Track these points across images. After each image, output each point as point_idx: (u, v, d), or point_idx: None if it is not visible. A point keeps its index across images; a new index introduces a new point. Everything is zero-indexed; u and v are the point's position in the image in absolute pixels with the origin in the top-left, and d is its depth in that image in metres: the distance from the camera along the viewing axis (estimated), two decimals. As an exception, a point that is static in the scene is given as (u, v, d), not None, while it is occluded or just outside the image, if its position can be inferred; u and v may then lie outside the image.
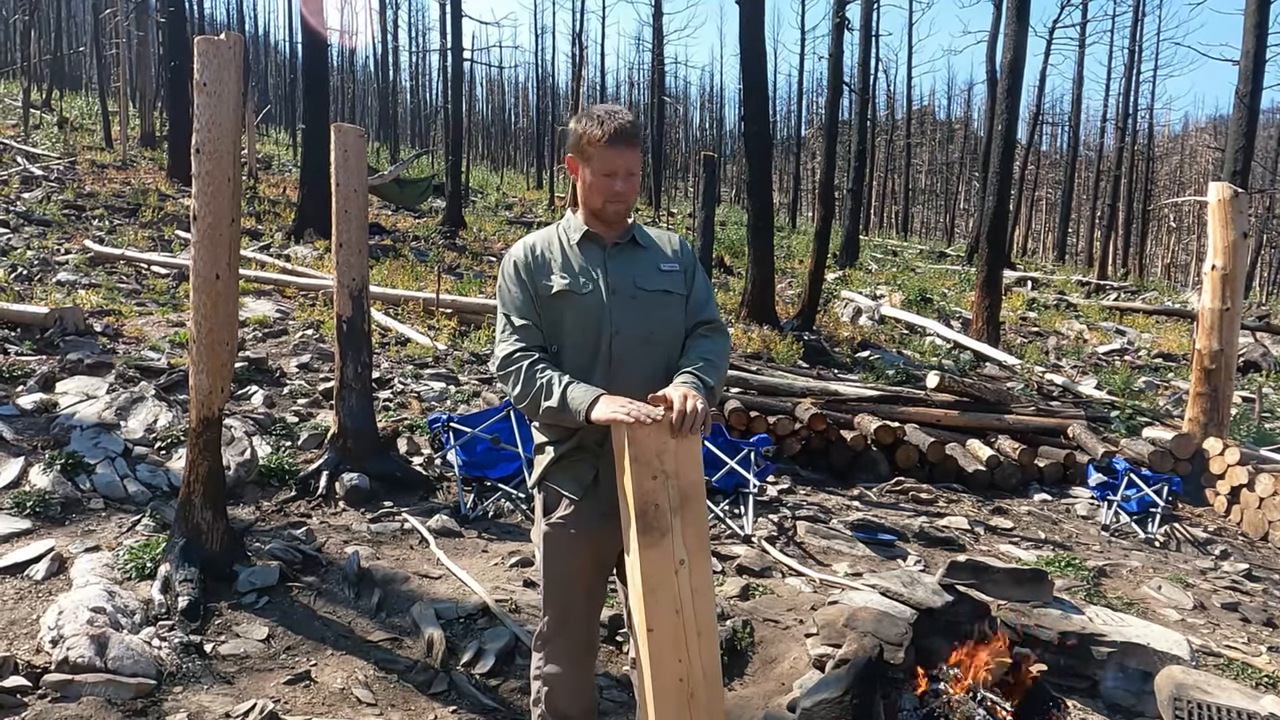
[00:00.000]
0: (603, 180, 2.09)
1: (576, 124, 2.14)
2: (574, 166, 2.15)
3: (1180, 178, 54.19)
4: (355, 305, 5.05)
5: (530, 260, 2.16)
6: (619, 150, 2.07)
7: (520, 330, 2.13)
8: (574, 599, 2.29)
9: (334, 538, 4.36)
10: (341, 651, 3.30)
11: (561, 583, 2.28)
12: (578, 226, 2.19)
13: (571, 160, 2.16)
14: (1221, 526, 6.17)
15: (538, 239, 2.22)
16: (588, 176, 2.11)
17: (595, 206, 2.13)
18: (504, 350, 2.13)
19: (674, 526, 1.95)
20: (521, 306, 2.15)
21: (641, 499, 1.92)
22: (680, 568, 1.97)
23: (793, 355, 10.14)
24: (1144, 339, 15.38)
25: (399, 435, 5.77)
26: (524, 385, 2.05)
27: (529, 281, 2.15)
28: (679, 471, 1.95)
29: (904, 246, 30.12)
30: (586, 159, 2.10)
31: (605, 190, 2.09)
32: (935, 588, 3.47)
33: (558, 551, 2.25)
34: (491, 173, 41.76)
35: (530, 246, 2.19)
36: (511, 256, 2.18)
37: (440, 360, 8.09)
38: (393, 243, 15.09)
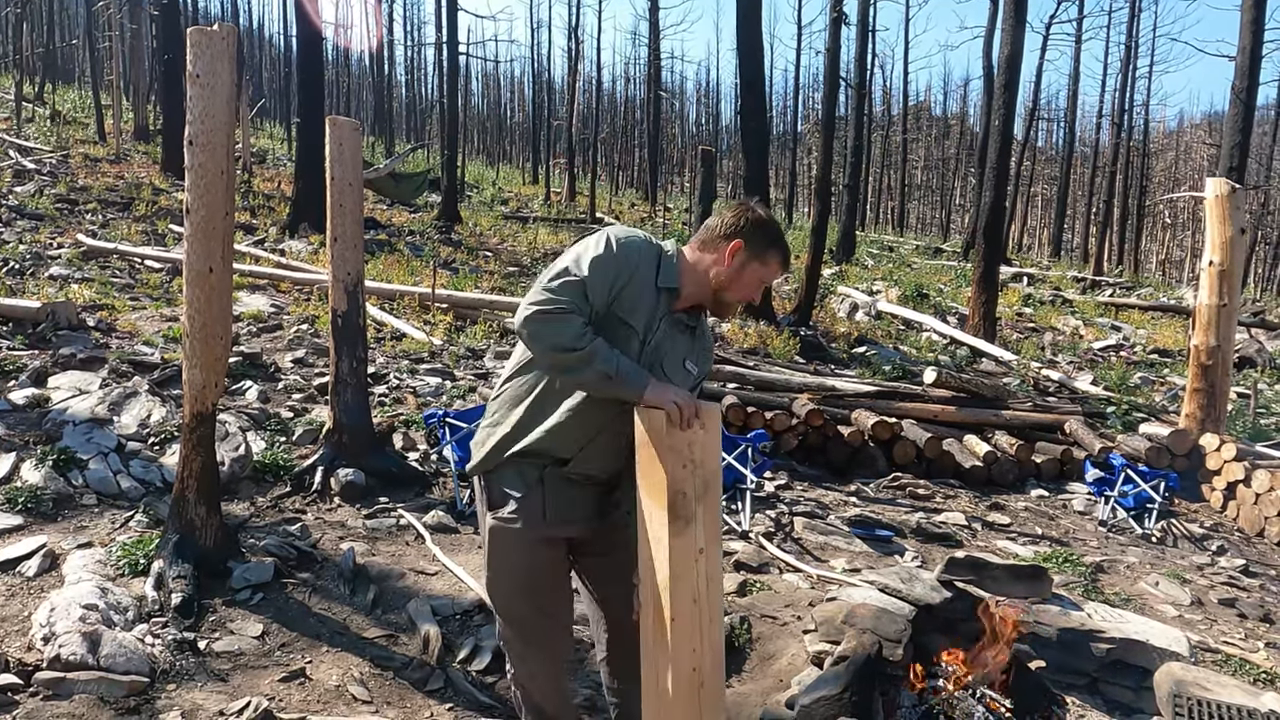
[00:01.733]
0: (757, 287, 2.16)
1: (767, 220, 2.14)
2: (736, 253, 2.09)
3: (1175, 174, 54.26)
4: (350, 300, 5.02)
5: (640, 265, 2.06)
6: (782, 271, 2.19)
7: (581, 298, 1.97)
8: (529, 588, 2.20)
9: (329, 534, 4.33)
10: (337, 648, 3.27)
11: (512, 580, 2.19)
12: (673, 276, 2.11)
13: (742, 248, 2.09)
14: (1218, 522, 6.17)
15: (650, 250, 2.10)
16: (745, 272, 2.10)
17: (729, 298, 2.13)
18: (558, 303, 1.94)
19: (697, 514, 1.97)
20: (602, 285, 2.00)
21: (673, 487, 1.93)
22: (700, 556, 1.99)
23: (789, 351, 10.12)
24: (1140, 335, 15.40)
25: (394, 430, 5.74)
26: (575, 338, 1.91)
27: (624, 281, 2.03)
28: (704, 460, 1.98)
29: (900, 242, 30.12)
30: (761, 261, 2.11)
31: (751, 295, 2.17)
32: (934, 584, 3.46)
33: (507, 541, 2.16)
34: (487, 167, 41.66)
35: (648, 252, 2.08)
36: (630, 242, 2.06)
37: (436, 355, 8.05)
38: (388, 237, 15.03)
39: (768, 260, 2.12)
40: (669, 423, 1.92)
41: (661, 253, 2.12)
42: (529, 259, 15.36)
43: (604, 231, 2.08)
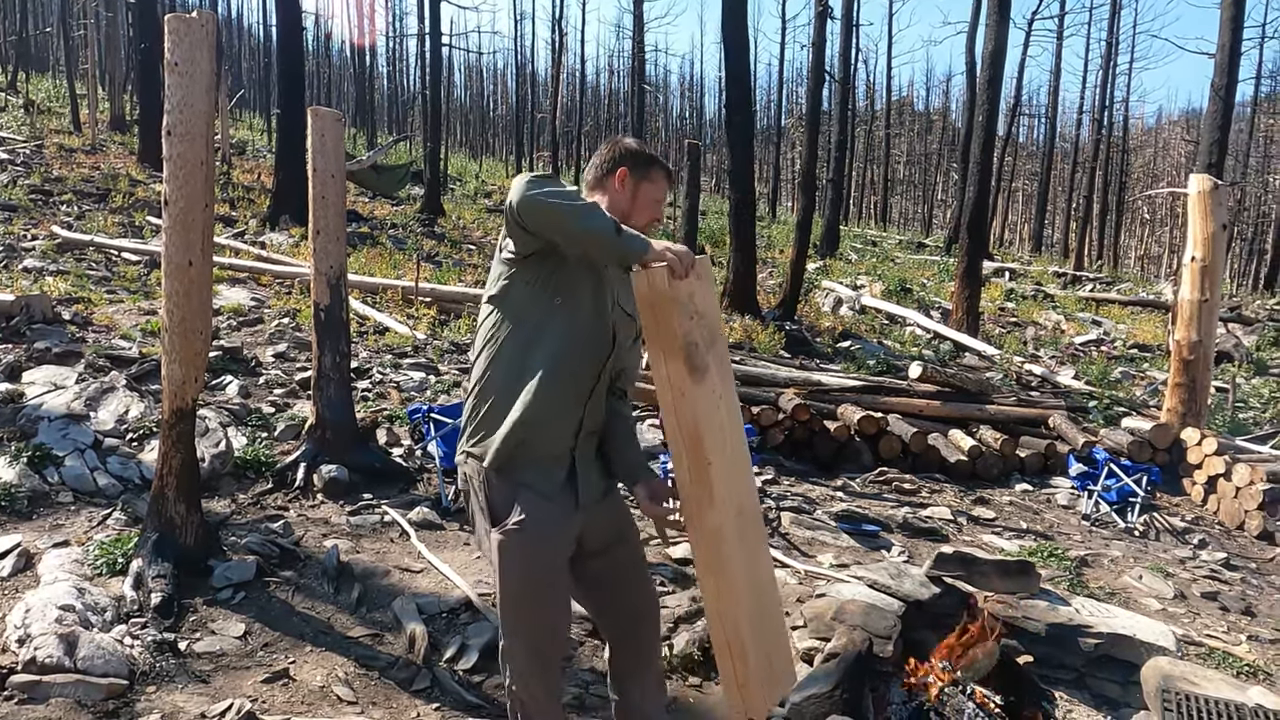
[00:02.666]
0: (655, 206, 2.23)
1: (640, 146, 2.25)
2: (624, 180, 2.19)
3: (1154, 170, 54.84)
4: (333, 293, 4.95)
5: None
6: (669, 186, 2.29)
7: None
8: (544, 597, 2.11)
9: (312, 531, 4.27)
10: (321, 648, 3.23)
11: (528, 583, 2.08)
12: None
13: (627, 174, 2.19)
14: (1199, 516, 6.23)
15: None
16: (639, 195, 2.19)
17: (636, 223, 2.14)
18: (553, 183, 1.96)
19: (709, 363, 2.02)
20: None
21: (686, 339, 1.97)
22: (720, 401, 2.06)
23: (775, 345, 10.13)
24: (1120, 330, 15.54)
25: (378, 426, 5.68)
26: (568, 199, 1.90)
27: None
28: (706, 310, 2.04)
29: (883, 237, 30.24)
30: (648, 179, 2.20)
31: (655, 214, 2.24)
32: (923, 580, 3.46)
33: (522, 550, 2.04)
34: (470, 160, 41.40)
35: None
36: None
37: (420, 350, 7.98)
38: (370, 230, 14.89)
39: (653, 176, 2.21)
40: (671, 275, 1.93)
41: None
42: (513, 252, 15.26)
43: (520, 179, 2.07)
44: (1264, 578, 5.18)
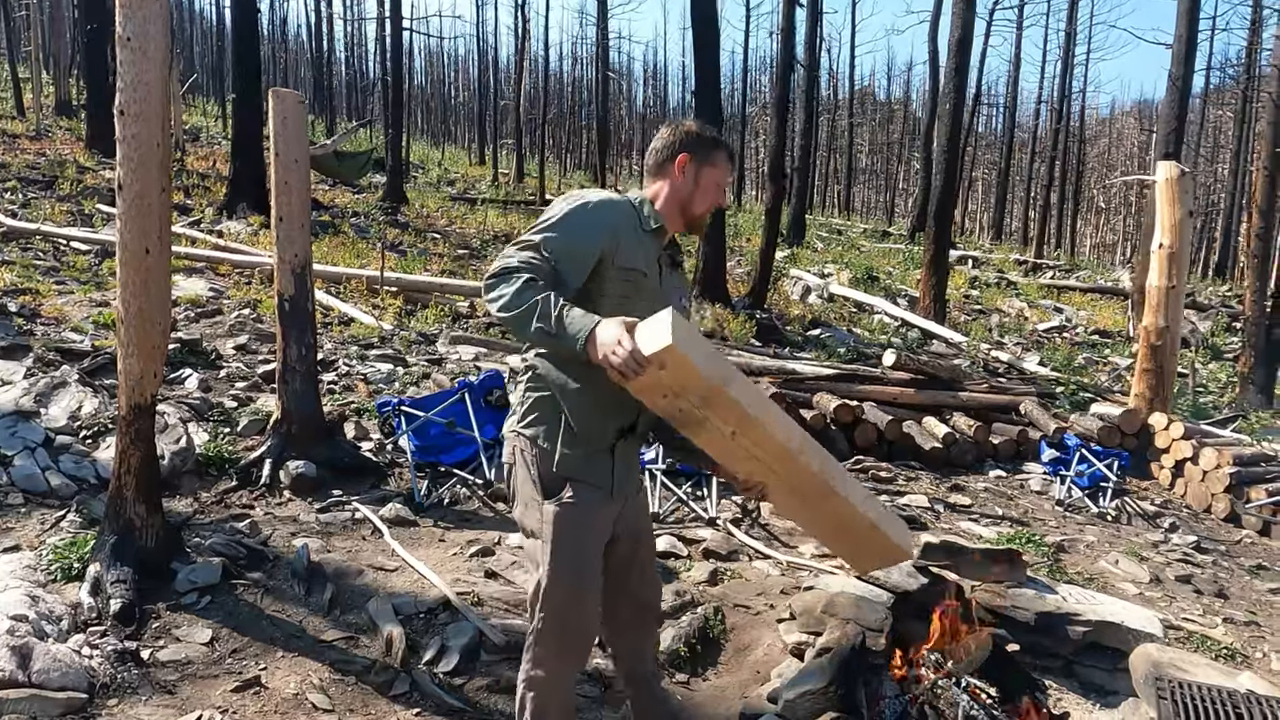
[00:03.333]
0: (718, 191, 2.17)
1: (701, 129, 2.18)
2: (685, 166, 2.13)
3: (1108, 159, 55.89)
4: (298, 283, 4.76)
5: (622, 221, 2.07)
6: (731, 169, 2.23)
7: (544, 261, 1.94)
8: (591, 575, 2.15)
9: (280, 530, 4.11)
10: (293, 653, 3.09)
11: (578, 559, 2.12)
12: (654, 216, 2.14)
13: (688, 160, 2.13)
14: (1167, 499, 6.32)
15: (624, 204, 2.12)
16: (704, 181, 2.14)
17: (697, 210, 2.16)
18: (508, 263, 1.93)
19: (708, 417, 1.95)
20: (573, 251, 1.98)
21: (667, 415, 1.95)
22: (733, 437, 2.01)
23: (746, 334, 10.09)
24: (1081, 316, 15.81)
25: (346, 420, 5.51)
26: (516, 296, 1.87)
27: (609, 239, 2.02)
28: (684, 387, 1.85)
29: (848, 226, 30.43)
30: (710, 163, 2.14)
31: (717, 199, 2.18)
32: (910, 570, 3.41)
33: (575, 525, 2.11)
34: (432, 148, 40.77)
35: (624, 207, 2.11)
36: (604, 203, 2.06)
37: (386, 341, 7.79)
38: (332, 218, 14.54)
39: (716, 160, 2.16)
40: (622, 378, 1.78)
41: (631, 202, 2.16)
42: (478, 241, 15.04)
43: (575, 193, 2.10)
44: (1234, 560, 5.27)
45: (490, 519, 4.56)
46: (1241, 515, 5.90)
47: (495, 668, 3.12)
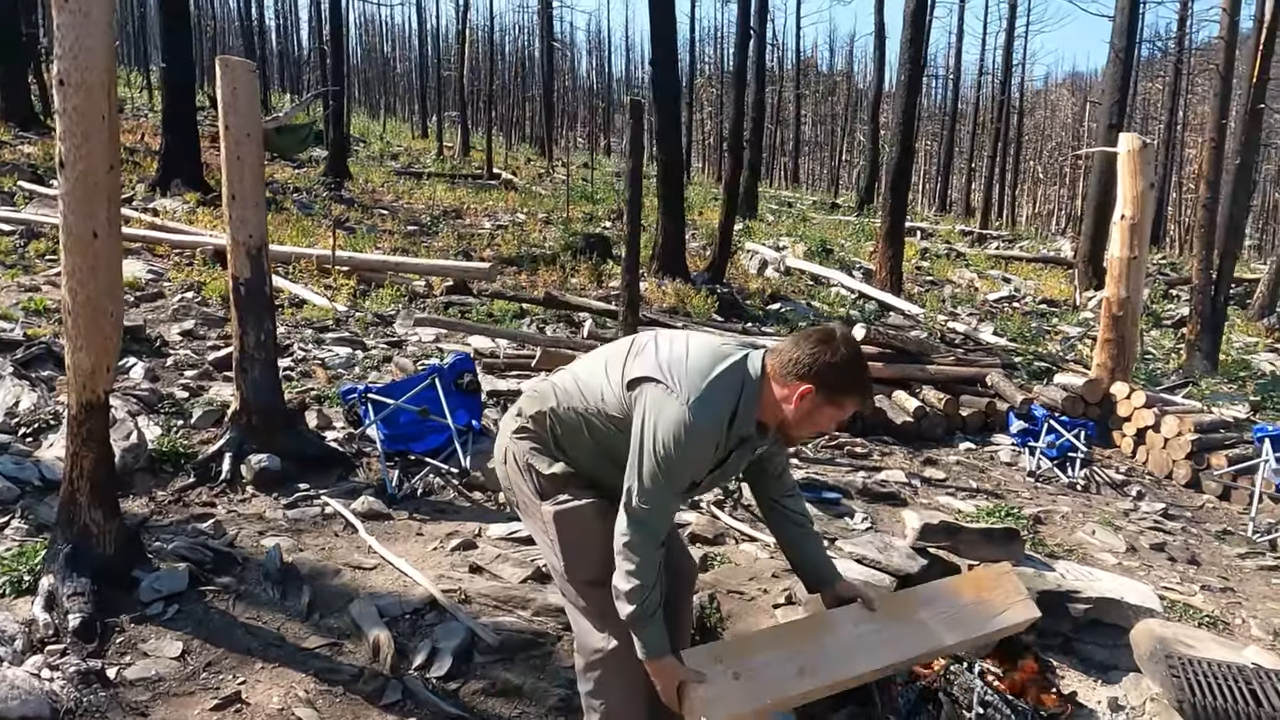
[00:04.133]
0: (827, 424, 2.06)
1: (844, 365, 1.97)
2: (805, 397, 1.96)
3: (1044, 131, 57.11)
4: (254, 265, 4.47)
5: (718, 436, 1.99)
6: (860, 409, 2.13)
7: (674, 507, 2.07)
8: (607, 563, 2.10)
9: (247, 529, 3.87)
10: (273, 664, 2.89)
11: (596, 553, 2.09)
12: (750, 423, 2.02)
13: (812, 393, 1.96)
14: (1131, 467, 6.45)
15: (724, 412, 1.97)
16: (816, 414, 2.00)
17: (797, 434, 2.09)
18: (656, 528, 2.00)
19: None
20: (691, 476, 2.03)
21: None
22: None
23: (708, 309, 10.01)
24: (1028, 285, 16.12)
25: (307, 408, 5.24)
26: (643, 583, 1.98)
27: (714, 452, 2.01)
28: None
29: (797, 198, 30.54)
30: (834, 404, 1.99)
31: (821, 430, 2.14)
32: (909, 552, 3.38)
33: (581, 524, 2.14)
34: (372, 121, 39.57)
35: (728, 411, 1.98)
36: (711, 422, 1.94)
37: (342, 323, 7.48)
38: (272, 195, 13.96)
39: (842, 404, 2.01)
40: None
41: (739, 395, 1.98)
42: (428, 217, 14.62)
43: (679, 416, 1.92)
44: (1200, 525, 5.39)
45: (468, 509, 4.38)
46: (1203, 481, 6.05)
47: (490, 669, 2.98)
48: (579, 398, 2.13)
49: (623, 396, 2.03)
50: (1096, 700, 2.99)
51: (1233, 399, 8.19)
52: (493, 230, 14.20)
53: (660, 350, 2.04)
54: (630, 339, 2.19)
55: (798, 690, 2.08)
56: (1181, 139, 33.61)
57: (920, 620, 2.29)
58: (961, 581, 2.49)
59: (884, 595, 2.45)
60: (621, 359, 2.09)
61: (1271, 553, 4.98)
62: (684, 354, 2.01)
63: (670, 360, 1.99)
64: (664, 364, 1.99)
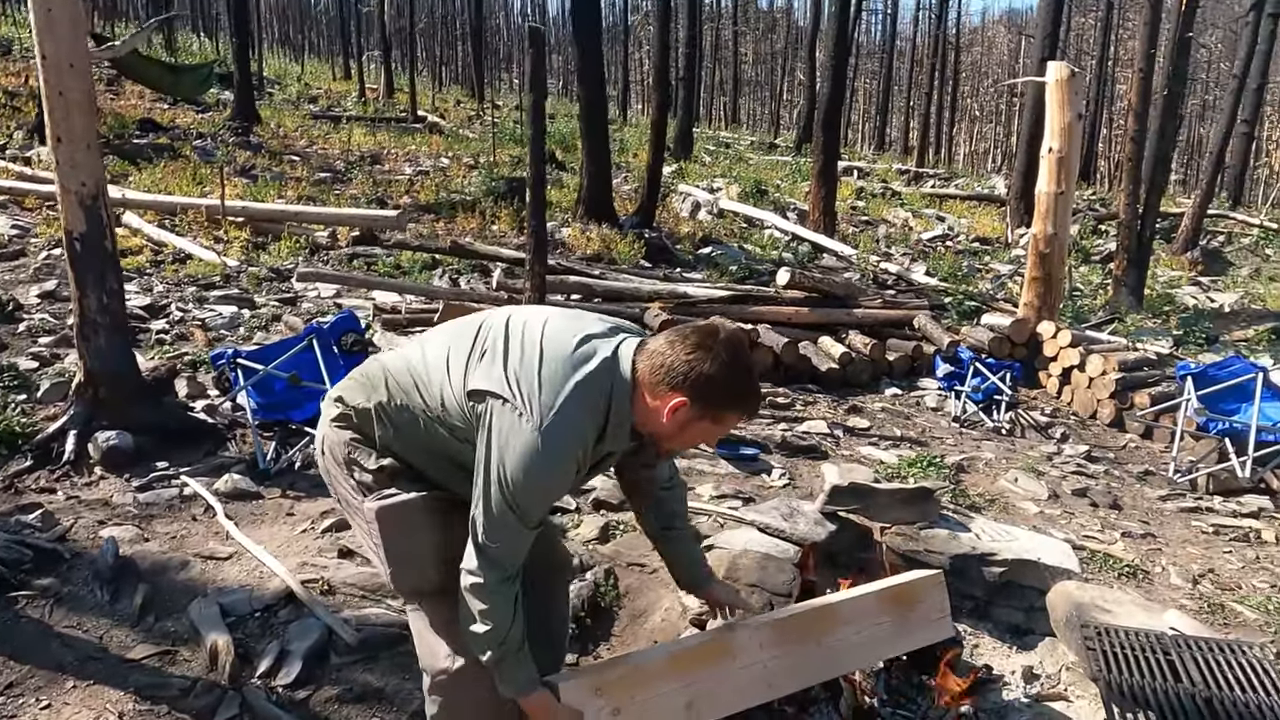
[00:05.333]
0: (706, 439, 1.82)
1: (725, 381, 1.64)
2: (677, 411, 1.65)
3: (980, 68, 57.22)
4: (90, 218, 3.93)
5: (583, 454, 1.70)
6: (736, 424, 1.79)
7: (528, 540, 1.74)
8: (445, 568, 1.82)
9: (86, 518, 3.43)
10: (88, 680, 2.51)
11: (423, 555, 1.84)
12: (624, 438, 1.74)
13: (686, 408, 1.64)
14: (1056, 408, 6.35)
15: (588, 430, 1.67)
16: (691, 429, 1.71)
17: (667, 448, 1.82)
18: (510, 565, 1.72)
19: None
20: (546, 508, 1.77)
21: None
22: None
23: (635, 255, 9.62)
24: (962, 224, 16.05)
25: (177, 375, 4.76)
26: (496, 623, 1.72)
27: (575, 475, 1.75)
28: None
29: (735, 139, 30.02)
30: (712, 418, 1.69)
31: (692, 445, 1.89)
32: (817, 517, 3.12)
33: (407, 518, 1.84)
34: (291, 61, 37.53)
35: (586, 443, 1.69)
36: (572, 443, 1.64)
37: (231, 279, 6.91)
38: (170, 141, 13.00)
39: (722, 419, 1.72)
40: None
41: (607, 406, 1.67)
42: (343, 163, 13.81)
43: (531, 446, 1.61)
44: (1122, 467, 5.29)
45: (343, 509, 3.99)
46: (1126, 420, 5.97)
47: (347, 672, 2.64)
48: (415, 395, 1.78)
49: (464, 405, 1.69)
50: (1011, 670, 2.80)
51: (1156, 334, 8.18)
52: (413, 176, 13.49)
53: (510, 353, 1.68)
54: (480, 320, 1.80)
55: None
56: (1113, 74, 33.89)
57: (833, 643, 2.10)
58: (885, 595, 2.26)
59: (798, 613, 2.17)
60: (466, 352, 1.73)
61: (1192, 493, 4.90)
62: (536, 360, 1.65)
63: (520, 371, 1.64)
64: (512, 376, 1.64)
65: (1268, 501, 4.75)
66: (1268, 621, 3.35)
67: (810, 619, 2.20)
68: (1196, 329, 8.31)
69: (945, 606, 2.41)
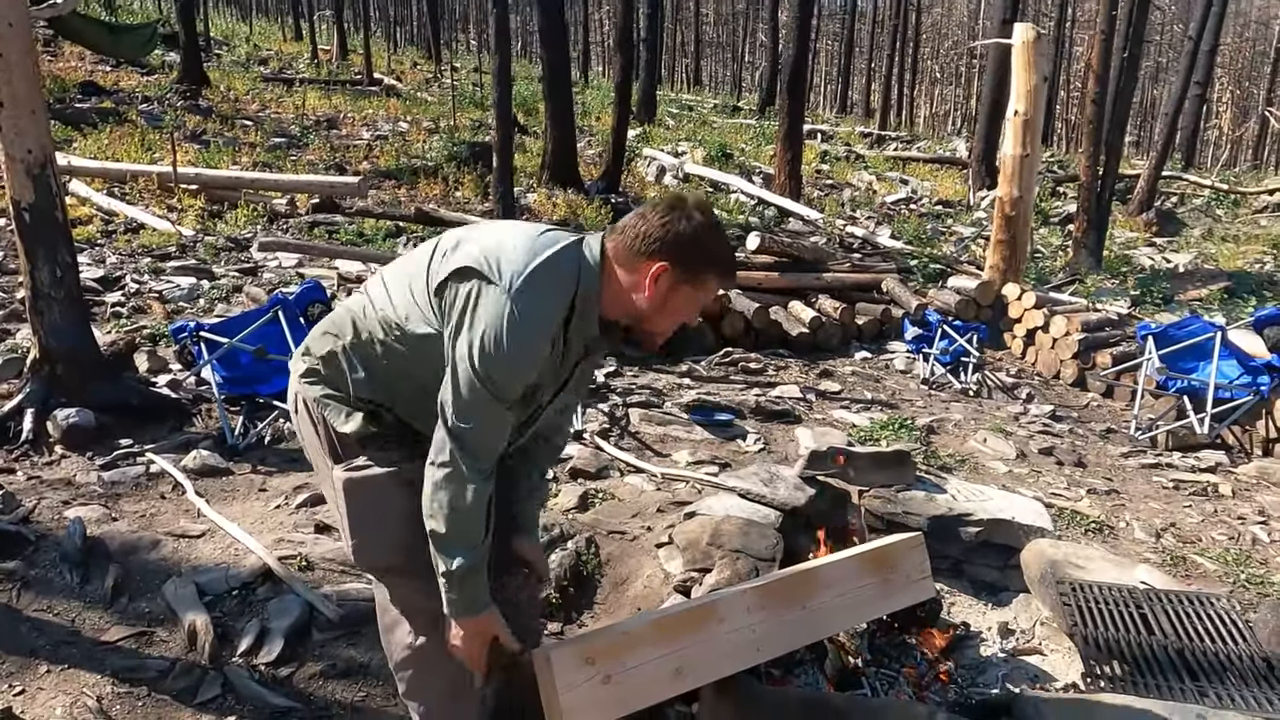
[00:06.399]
0: (690, 311, 1.68)
1: (702, 232, 1.60)
2: (659, 278, 1.59)
3: (941, 29, 57.27)
4: (39, 186, 3.77)
5: (556, 329, 1.61)
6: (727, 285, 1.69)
7: (505, 423, 1.63)
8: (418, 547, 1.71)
9: (50, 498, 3.33)
10: (62, 665, 2.45)
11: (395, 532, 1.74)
12: (593, 324, 1.65)
13: (667, 272, 1.58)
14: (1021, 369, 6.47)
15: (558, 307, 1.60)
16: (674, 300, 1.62)
17: (656, 328, 1.67)
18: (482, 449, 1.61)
19: None
20: (522, 388, 1.62)
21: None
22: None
23: (602, 221, 9.53)
24: (925, 187, 16.15)
25: (136, 350, 4.62)
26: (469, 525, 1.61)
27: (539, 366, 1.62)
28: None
29: (698, 101, 29.74)
30: (694, 282, 1.62)
31: (684, 320, 1.70)
32: (797, 482, 3.14)
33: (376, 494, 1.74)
34: (238, 21, 36.22)
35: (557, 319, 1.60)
36: (542, 318, 1.57)
37: (188, 249, 6.70)
38: (115, 105, 12.50)
39: (705, 283, 1.64)
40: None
41: (575, 286, 1.60)
42: (298, 128, 13.41)
43: (501, 308, 1.53)
44: (1085, 425, 5.42)
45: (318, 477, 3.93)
46: (1088, 380, 6.10)
47: (330, 648, 2.62)
48: (379, 325, 1.70)
49: (433, 305, 1.62)
50: (987, 626, 2.87)
51: (1115, 295, 8.34)
52: (371, 141, 13.16)
53: (477, 240, 1.63)
54: (433, 243, 1.73)
55: (672, 693, 1.87)
56: (1071, 36, 34.14)
57: (815, 606, 2.11)
58: (866, 558, 2.28)
59: (782, 577, 2.19)
60: (425, 262, 1.66)
61: (1152, 450, 5.04)
62: (503, 240, 1.61)
63: (488, 248, 1.59)
64: (479, 252, 1.58)
65: (1224, 457, 4.91)
66: (1226, 572, 3.47)
67: (795, 583, 2.22)
68: (1153, 289, 8.49)
69: (926, 568, 2.45)
